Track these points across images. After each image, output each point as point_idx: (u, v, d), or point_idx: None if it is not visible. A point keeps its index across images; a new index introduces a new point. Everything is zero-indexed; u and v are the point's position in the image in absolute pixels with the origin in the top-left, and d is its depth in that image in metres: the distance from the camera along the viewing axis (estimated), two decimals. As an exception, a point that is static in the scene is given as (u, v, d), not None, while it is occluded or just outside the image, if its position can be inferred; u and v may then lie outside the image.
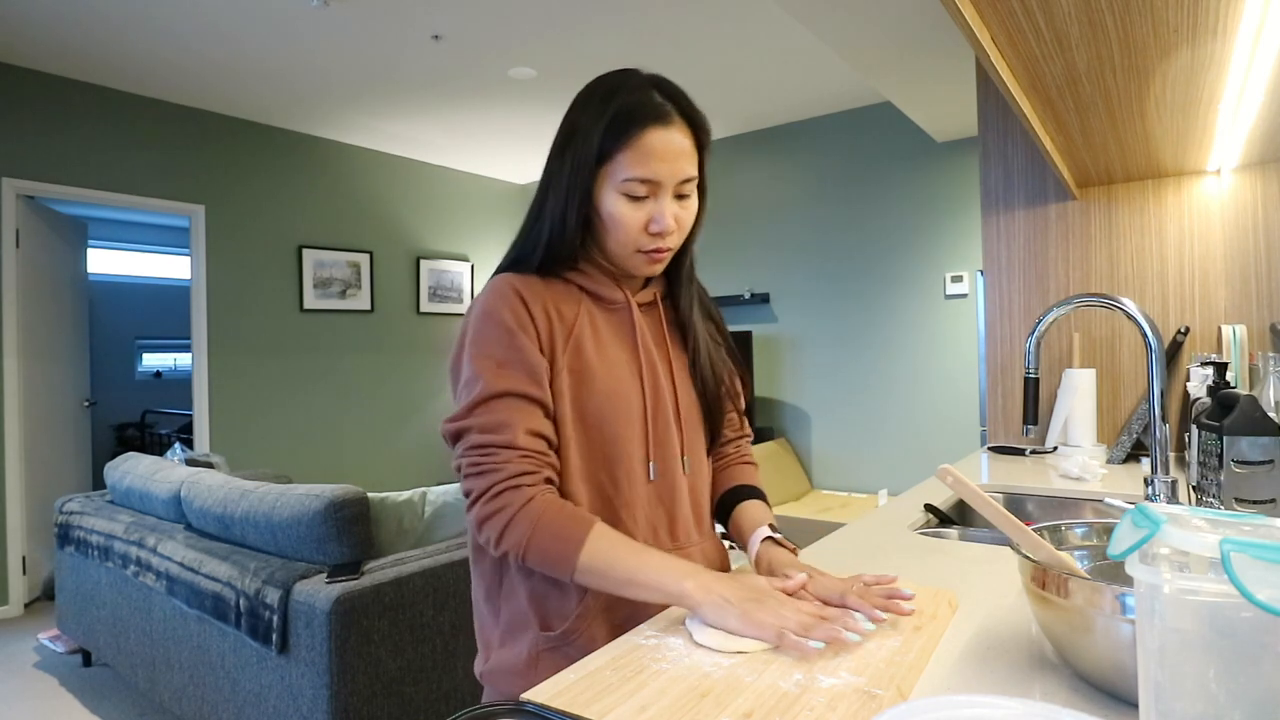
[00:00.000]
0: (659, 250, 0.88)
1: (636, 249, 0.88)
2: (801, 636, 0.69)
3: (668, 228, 0.86)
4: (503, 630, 0.89)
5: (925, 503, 1.48)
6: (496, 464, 0.80)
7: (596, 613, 0.86)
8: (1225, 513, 0.47)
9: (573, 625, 0.85)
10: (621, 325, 0.93)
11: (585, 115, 0.86)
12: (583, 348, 0.88)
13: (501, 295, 0.86)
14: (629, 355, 0.92)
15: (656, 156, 0.83)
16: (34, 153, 3.63)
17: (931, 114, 3.75)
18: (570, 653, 0.85)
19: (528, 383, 0.83)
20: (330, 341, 4.80)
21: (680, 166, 0.85)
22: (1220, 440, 1.08)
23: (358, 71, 3.74)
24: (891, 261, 4.35)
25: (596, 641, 0.85)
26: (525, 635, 0.87)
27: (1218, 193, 1.99)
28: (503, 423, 0.81)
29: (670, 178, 0.85)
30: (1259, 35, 1.04)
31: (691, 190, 0.89)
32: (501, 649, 0.89)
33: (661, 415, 0.92)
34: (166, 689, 2.29)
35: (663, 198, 0.86)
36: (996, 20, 1.00)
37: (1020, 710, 0.44)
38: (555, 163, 0.89)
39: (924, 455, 4.22)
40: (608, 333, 0.91)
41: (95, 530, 2.66)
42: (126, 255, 6.89)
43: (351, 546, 1.90)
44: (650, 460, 0.91)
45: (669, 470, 0.92)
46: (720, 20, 3.24)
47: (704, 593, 0.75)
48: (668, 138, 0.84)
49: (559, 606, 0.86)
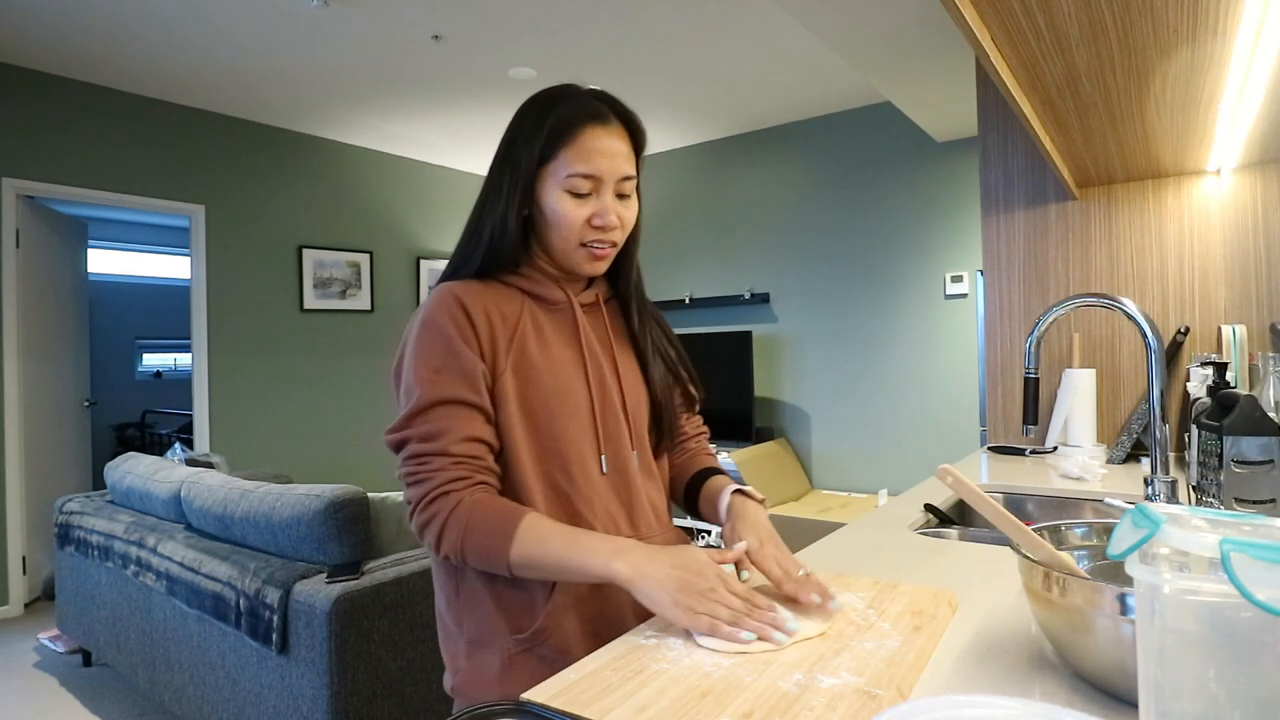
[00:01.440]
0: (602, 244, 0.90)
1: (580, 243, 0.90)
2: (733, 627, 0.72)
3: (610, 222, 0.89)
4: (469, 639, 0.89)
5: (925, 503, 1.48)
6: (430, 472, 0.82)
7: (566, 608, 0.86)
8: (1225, 513, 0.47)
9: (543, 624, 0.85)
10: (565, 324, 0.94)
11: (525, 124, 0.90)
12: (526, 348, 0.89)
13: (441, 303, 0.87)
14: (574, 353, 0.93)
15: (598, 153, 0.87)
16: (34, 153, 3.63)
17: (931, 114, 3.75)
18: (544, 653, 0.85)
19: (464, 389, 0.84)
20: (330, 341, 4.80)
21: (620, 165, 0.89)
22: (1220, 440, 1.08)
23: (358, 71, 3.75)
24: (891, 261, 4.35)
25: (569, 639, 0.85)
26: (495, 641, 0.86)
27: (1218, 193, 1.99)
28: (439, 430, 0.82)
29: (611, 174, 0.88)
30: (1259, 35, 1.04)
31: (631, 191, 0.93)
32: (471, 659, 0.88)
33: (610, 409, 0.93)
34: (166, 689, 2.29)
35: (605, 194, 0.89)
36: (996, 20, 1.00)
37: (1020, 710, 0.44)
38: (496, 170, 0.92)
39: (924, 455, 4.22)
40: (551, 332, 0.92)
41: (95, 530, 2.66)
42: (126, 255, 6.89)
43: (351, 546, 1.90)
44: (602, 453, 0.92)
45: (622, 463, 0.93)
46: (720, 20, 3.24)
47: (633, 572, 0.76)
48: (607, 137, 0.88)
49: (527, 607, 0.86)
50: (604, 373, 0.94)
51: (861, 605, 0.83)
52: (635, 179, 0.92)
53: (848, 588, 0.89)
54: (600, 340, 0.97)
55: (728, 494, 0.96)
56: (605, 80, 3.87)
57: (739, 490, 0.97)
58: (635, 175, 0.92)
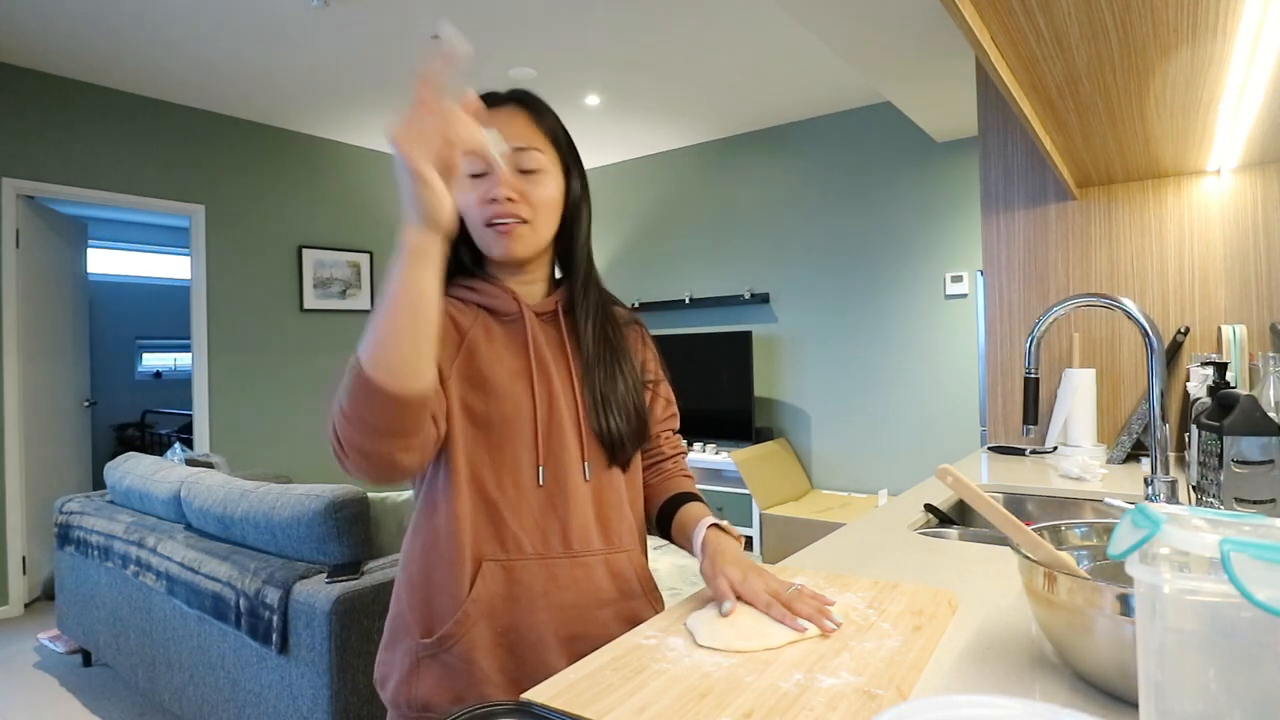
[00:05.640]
0: (504, 220, 0.87)
1: (484, 224, 0.88)
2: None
3: (499, 194, 0.86)
4: (389, 635, 0.90)
5: (925, 503, 1.48)
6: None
7: (478, 618, 0.85)
8: (1225, 513, 0.47)
9: (450, 630, 0.84)
10: (516, 335, 0.92)
11: None
12: (475, 354, 0.88)
13: None
14: (522, 364, 0.91)
15: None
16: (34, 153, 3.63)
17: (931, 114, 3.75)
18: (448, 660, 0.84)
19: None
20: (330, 341, 4.80)
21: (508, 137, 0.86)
22: (1220, 440, 1.08)
23: (358, 71, 3.75)
24: (891, 261, 4.35)
25: (477, 648, 0.84)
26: (405, 641, 0.87)
27: (1218, 193, 1.99)
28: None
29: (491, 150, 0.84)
30: (1259, 35, 1.04)
31: (541, 165, 0.89)
32: (386, 653, 0.90)
33: (556, 421, 0.90)
34: (166, 689, 2.29)
35: (496, 174, 0.86)
36: (996, 20, 1.00)
37: (1020, 710, 0.44)
38: None
39: (924, 455, 4.22)
40: (502, 342, 0.91)
41: (95, 530, 2.66)
42: (126, 255, 6.89)
43: (351, 546, 1.90)
44: (540, 465, 0.89)
45: (562, 477, 0.89)
46: (720, 20, 3.24)
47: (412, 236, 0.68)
48: (491, 117, 0.85)
49: (440, 612, 0.85)
50: (553, 383, 0.91)
51: (861, 605, 0.83)
52: (542, 152, 0.89)
53: (848, 588, 0.89)
54: (554, 349, 0.94)
55: (703, 528, 0.92)
56: (605, 80, 3.87)
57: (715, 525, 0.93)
58: (539, 148, 0.89)
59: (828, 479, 4.59)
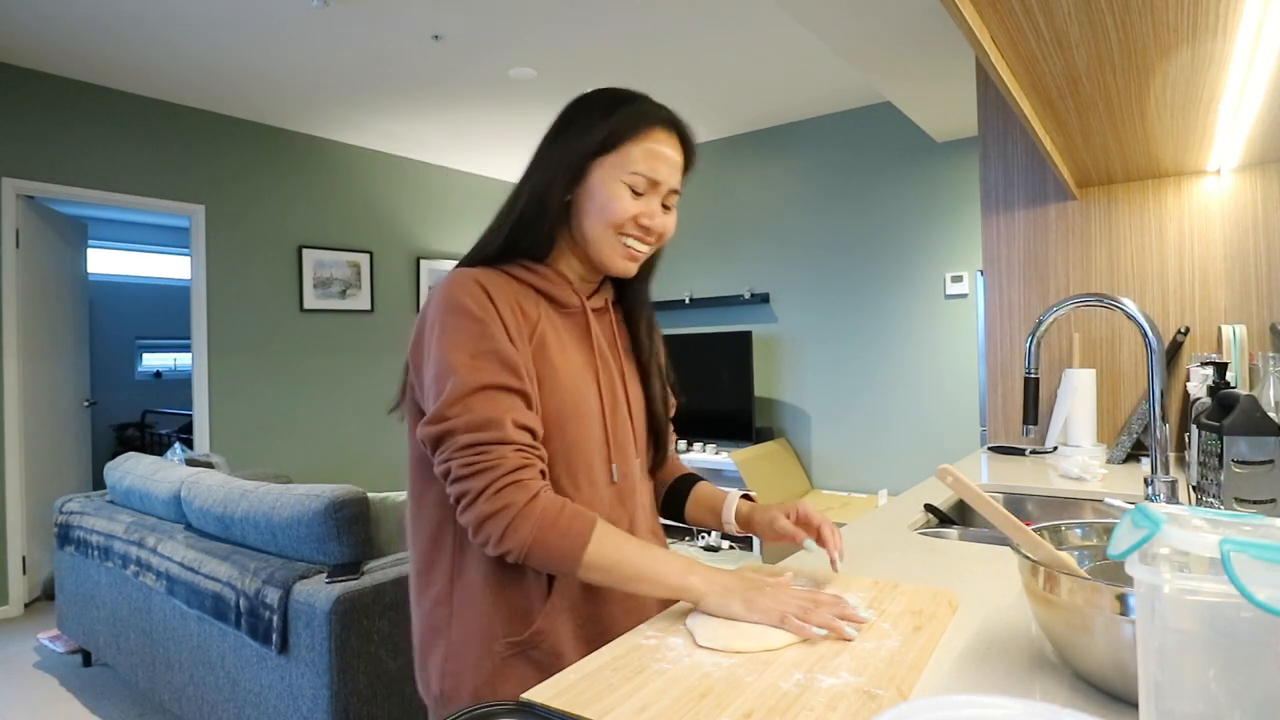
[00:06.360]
0: (642, 244, 0.91)
1: (621, 236, 0.89)
2: (802, 621, 0.73)
3: (656, 225, 0.90)
4: (457, 640, 0.85)
5: (925, 503, 1.48)
6: (492, 461, 0.77)
7: (562, 611, 0.85)
8: (1225, 513, 0.47)
9: (540, 626, 0.84)
10: (577, 328, 0.93)
11: (588, 111, 0.90)
12: (545, 347, 0.87)
13: (464, 286, 0.83)
14: (586, 357, 0.92)
15: (663, 159, 0.89)
16: (34, 153, 3.63)
17: (931, 114, 3.75)
18: (537, 656, 0.84)
19: (505, 374, 0.80)
20: (330, 341, 4.79)
21: (675, 176, 0.91)
22: (1220, 440, 1.08)
23: (358, 71, 3.74)
24: (891, 261, 4.35)
25: (562, 642, 0.84)
26: (485, 644, 0.84)
27: (1218, 193, 1.99)
28: (490, 419, 0.78)
29: (667, 182, 0.90)
30: (1259, 35, 1.04)
31: (674, 205, 0.94)
32: (458, 660, 0.85)
33: (620, 418, 0.93)
34: (166, 689, 2.29)
35: (654, 200, 0.90)
36: (996, 20, 1.00)
37: (1020, 710, 0.44)
38: (546, 149, 0.91)
39: (924, 455, 4.22)
40: (566, 335, 0.91)
41: (95, 530, 2.66)
42: (126, 255, 6.89)
43: (351, 546, 1.90)
44: (612, 462, 0.91)
45: (629, 472, 0.94)
46: (720, 20, 3.24)
47: (708, 584, 0.78)
48: (671, 146, 0.90)
49: (523, 609, 0.84)
50: (614, 379, 0.94)
51: (861, 605, 0.83)
52: (679, 195, 0.94)
53: (848, 588, 0.89)
54: (609, 345, 0.97)
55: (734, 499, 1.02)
56: (605, 80, 3.85)
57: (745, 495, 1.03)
58: (679, 192, 0.94)
59: (828, 479, 4.59)
